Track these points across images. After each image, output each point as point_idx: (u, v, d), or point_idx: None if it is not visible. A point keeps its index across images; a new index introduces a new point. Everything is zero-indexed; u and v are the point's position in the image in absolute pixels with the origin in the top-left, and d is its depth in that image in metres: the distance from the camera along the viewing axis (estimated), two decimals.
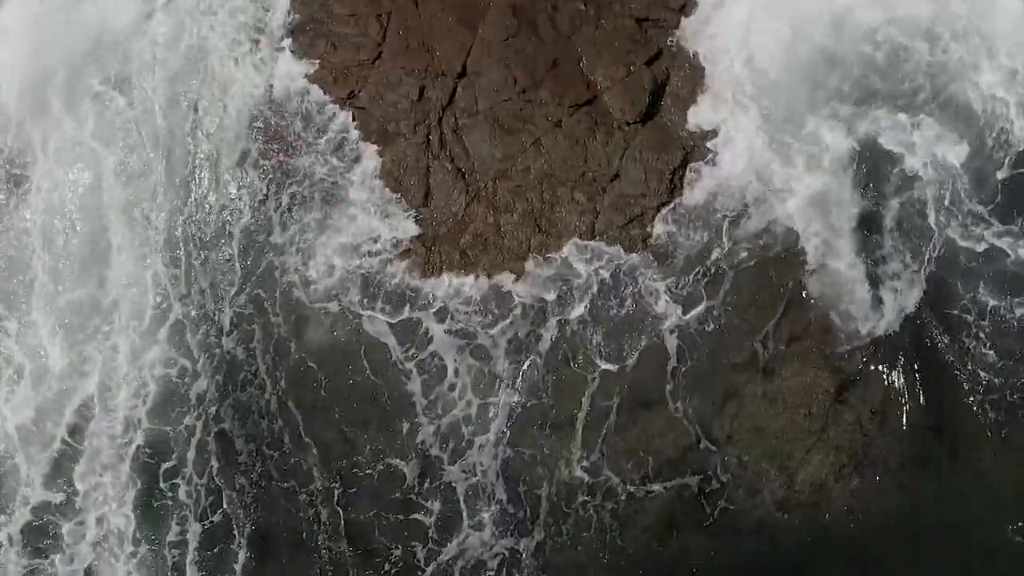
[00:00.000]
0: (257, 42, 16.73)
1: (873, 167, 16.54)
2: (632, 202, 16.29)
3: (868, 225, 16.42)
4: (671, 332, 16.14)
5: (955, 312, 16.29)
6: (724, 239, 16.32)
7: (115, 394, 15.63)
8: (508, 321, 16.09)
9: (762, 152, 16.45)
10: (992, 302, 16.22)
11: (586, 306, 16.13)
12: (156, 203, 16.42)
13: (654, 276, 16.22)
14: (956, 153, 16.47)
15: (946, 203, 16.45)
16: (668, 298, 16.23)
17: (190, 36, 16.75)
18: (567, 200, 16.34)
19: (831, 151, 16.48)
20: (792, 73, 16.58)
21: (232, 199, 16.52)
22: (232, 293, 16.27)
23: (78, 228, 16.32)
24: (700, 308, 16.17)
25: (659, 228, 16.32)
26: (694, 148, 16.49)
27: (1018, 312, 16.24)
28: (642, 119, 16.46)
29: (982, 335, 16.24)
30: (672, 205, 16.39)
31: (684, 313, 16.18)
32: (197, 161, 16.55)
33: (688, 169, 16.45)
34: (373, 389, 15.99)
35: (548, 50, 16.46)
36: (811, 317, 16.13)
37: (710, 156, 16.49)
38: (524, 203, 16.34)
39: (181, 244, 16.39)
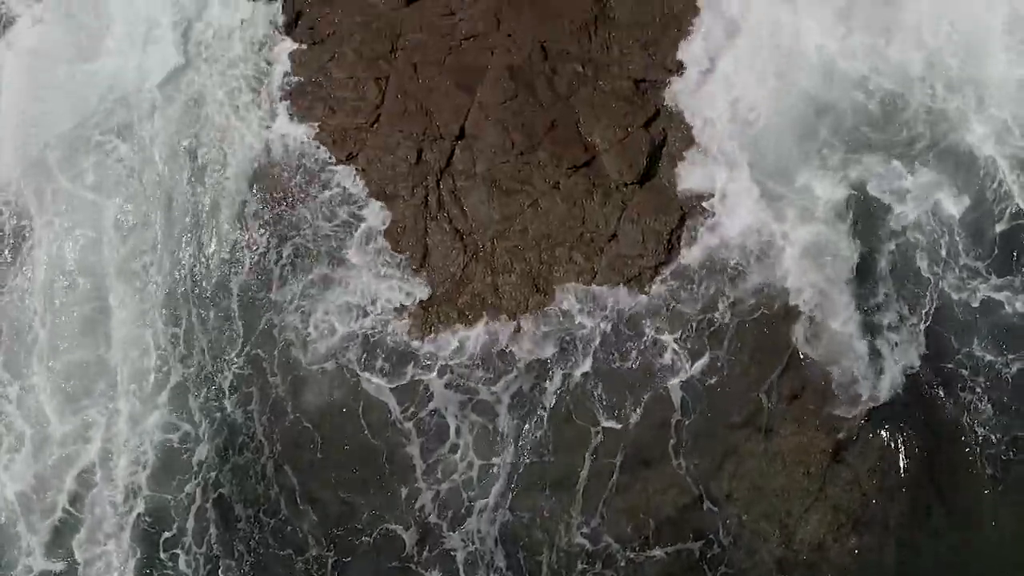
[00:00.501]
0: (257, 92, 16.80)
1: (868, 219, 16.65)
2: (630, 262, 16.37)
3: (864, 279, 16.49)
4: (671, 388, 16.20)
5: (951, 367, 16.38)
6: (723, 296, 16.38)
7: (116, 461, 15.64)
8: (511, 376, 16.16)
9: (758, 208, 16.51)
10: (988, 356, 16.30)
11: (588, 360, 16.19)
12: (156, 256, 16.47)
13: (654, 332, 16.29)
14: (952, 205, 16.57)
15: (942, 255, 16.56)
16: (668, 354, 16.28)
17: (190, 84, 16.79)
18: (565, 260, 16.42)
19: (825, 204, 16.58)
20: (785, 126, 16.71)
21: (231, 253, 16.59)
22: (232, 354, 16.29)
23: (79, 285, 16.34)
24: (700, 365, 16.23)
25: (658, 287, 16.40)
26: (691, 208, 16.59)
27: (1014, 367, 16.33)
28: (640, 180, 16.55)
29: (979, 390, 16.32)
30: (670, 265, 16.48)
31: (684, 370, 16.25)
32: (196, 213, 16.62)
33: (686, 228, 16.55)
34: (372, 451, 16.02)
35: (546, 112, 16.56)
36: (809, 375, 16.20)
37: (707, 215, 16.58)
38: (522, 263, 16.42)
39: (181, 300, 16.43)
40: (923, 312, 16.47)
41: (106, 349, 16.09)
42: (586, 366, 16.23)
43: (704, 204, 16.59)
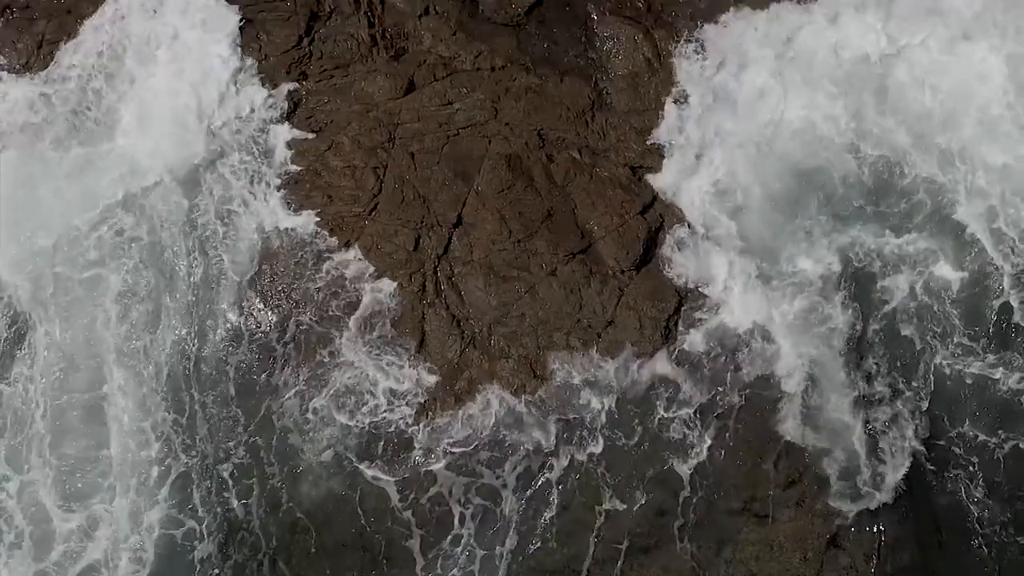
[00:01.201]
0: (258, 179, 16.82)
1: (861, 294, 16.84)
2: (628, 348, 16.47)
3: (858, 356, 16.68)
4: (673, 472, 16.34)
5: (946, 446, 16.56)
6: (720, 381, 16.57)
7: (117, 559, 15.61)
8: (516, 457, 16.23)
9: (753, 290, 16.72)
10: (982, 436, 16.48)
11: (590, 443, 16.32)
12: (155, 336, 16.42)
13: (654, 415, 16.42)
14: (945, 279, 16.73)
15: (936, 331, 16.70)
16: (669, 438, 16.42)
17: (193, 168, 16.78)
18: (562, 346, 16.51)
19: (817, 282, 16.79)
20: (775, 204, 16.96)
21: (230, 337, 16.57)
22: (231, 442, 16.28)
23: (79, 370, 16.27)
24: (698, 450, 16.39)
25: (656, 371, 16.50)
26: (688, 292, 16.72)
27: (1007, 446, 16.50)
28: (636, 266, 16.65)
29: (973, 470, 16.48)
30: (667, 350, 16.59)
31: (682, 455, 16.39)
32: (196, 292, 16.58)
33: (683, 314, 16.67)
34: (371, 544, 16.05)
35: (543, 201, 16.64)
36: (808, 460, 16.35)
37: (704, 300, 16.74)
38: (519, 349, 16.50)
39: (181, 385, 16.36)
40: (917, 390, 16.64)
41: (107, 440, 16.03)
42: (588, 449, 16.33)
43: (700, 289, 16.73)
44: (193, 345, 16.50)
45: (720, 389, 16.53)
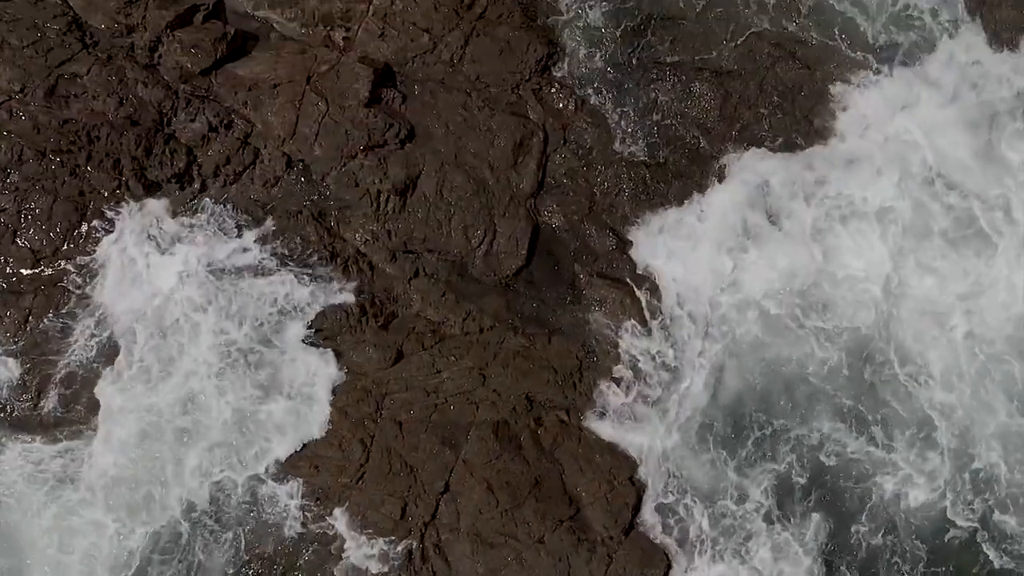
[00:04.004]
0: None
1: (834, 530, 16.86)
2: None
3: None
4: None
5: None
6: None
7: None
8: None
9: (731, 553, 16.72)
10: None
11: None
12: None
13: None
14: (915, 501, 16.83)
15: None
16: None
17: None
18: None
19: (801, 540, 16.83)
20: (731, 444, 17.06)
21: None
22: None
23: None
24: None
25: None
26: (676, 554, 16.67)
27: None
28: (625, 532, 16.58)
29: None
30: None
31: None
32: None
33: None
34: None
35: (530, 469, 16.61)
36: None
37: (691, 563, 16.68)
38: None
39: None
40: None
41: None
42: None
43: (687, 550, 16.69)
44: None
45: None
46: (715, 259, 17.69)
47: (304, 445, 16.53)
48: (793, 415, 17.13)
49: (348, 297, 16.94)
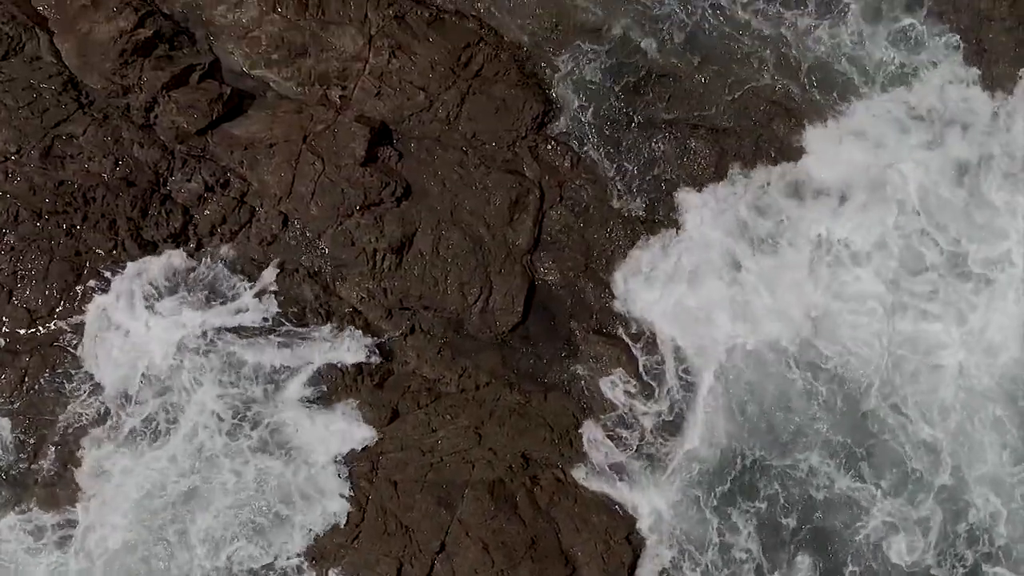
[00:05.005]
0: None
1: None
2: None
3: None
4: None
5: None
6: None
7: None
8: None
9: None
10: None
11: None
12: None
13: None
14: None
15: None
16: None
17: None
18: None
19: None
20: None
21: None
22: None
23: None
24: None
25: None
26: None
27: None
28: None
29: None
30: None
31: None
32: None
33: None
34: None
35: (527, 529, 16.58)
36: None
37: None
38: None
39: None
40: None
41: None
42: None
43: None
44: None
45: None
46: (710, 311, 17.66)
47: None
48: (795, 472, 17.08)
49: (344, 356, 16.92)
